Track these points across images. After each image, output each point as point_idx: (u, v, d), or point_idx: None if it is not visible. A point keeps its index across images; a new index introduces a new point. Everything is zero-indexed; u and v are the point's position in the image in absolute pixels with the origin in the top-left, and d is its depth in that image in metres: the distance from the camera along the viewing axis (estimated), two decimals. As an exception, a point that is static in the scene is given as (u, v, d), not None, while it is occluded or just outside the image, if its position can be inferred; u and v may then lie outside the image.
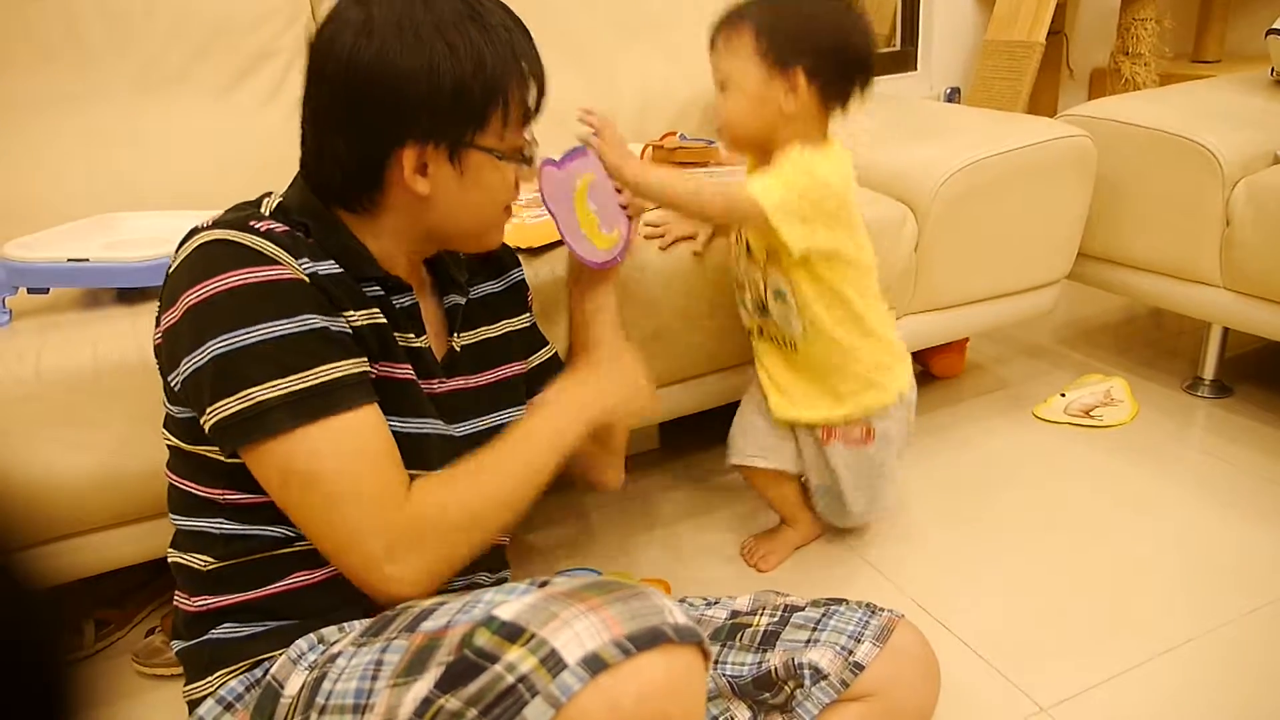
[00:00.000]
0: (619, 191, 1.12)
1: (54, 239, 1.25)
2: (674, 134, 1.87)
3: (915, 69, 2.81)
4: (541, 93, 0.91)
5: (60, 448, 1.10)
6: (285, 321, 0.78)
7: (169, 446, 0.88)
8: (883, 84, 2.95)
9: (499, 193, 0.93)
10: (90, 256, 1.18)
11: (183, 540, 0.89)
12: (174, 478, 0.89)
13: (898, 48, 2.80)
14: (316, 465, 0.79)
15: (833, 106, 1.18)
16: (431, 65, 0.82)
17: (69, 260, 1.17)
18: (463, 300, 1.01)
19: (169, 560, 0.91)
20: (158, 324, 0.84)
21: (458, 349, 0.99)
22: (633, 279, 1.34)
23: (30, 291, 1.20)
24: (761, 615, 1.04)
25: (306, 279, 0.81)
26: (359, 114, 0.84)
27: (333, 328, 0.82)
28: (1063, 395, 1.81)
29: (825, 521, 1.44)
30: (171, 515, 0.90)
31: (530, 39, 0.90)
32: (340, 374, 0.80)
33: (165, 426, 0.88)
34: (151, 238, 1.22)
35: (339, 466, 0.79)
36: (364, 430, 0.81)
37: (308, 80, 0.87)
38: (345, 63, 0.83)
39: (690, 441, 1.77)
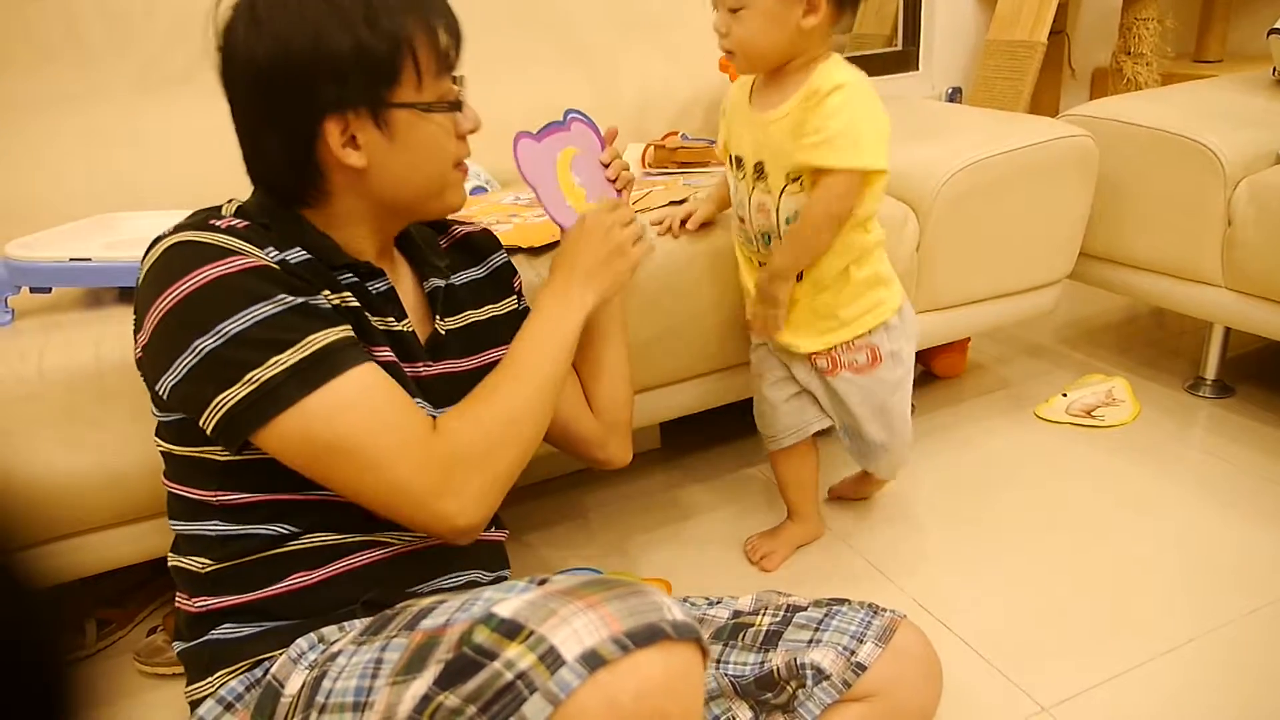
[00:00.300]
0: (605, 165, 1.11)
1: (56, 238, 1.25)
2: (675, 134, 1.88)
3: (917, 69, 2.80)
4: (454, 35, 0.88)
5: (62, 447, 1.10)
6: (263, 304, 0.79)
7: (163, 454, 0.89)
8: (884, 84, 2.96)
9: (439, 147, 0.90)
10: (92, 256, 1.18)
11: (181, 544, 0.89)
12: (169, 484, 0.89)
13: (899, 47, 2.80)
14: (337, 427, 0.79)
15: (844, 13, 1.16)
16: (321, 33, 0.81)
17: (71, 260, 1.18)
18: (442, 283, 1.01)
19: (169, 565, 0.91)
20: (135, 337, 0.84)
21: (442, 333, 0.99)
22: (633, 281, 1.33)
23: (32, 291, 1.21)
24: (764, 615, 1.04)
25: (275, 266, 0.82)
26: (271, 105, 0.84)
27: (312, 302, 0.82)
28: (1064, 395, 1.81)
29: (826, 524, 1.44)
30: (170, 521, 0.90)
31: None
32: (333, 338, 0.81)
33: (157, 434, 0.89)
34: (153, 237, 1.23)
35: (359, 423, 0.80)
36: (372, 384, 0.82)
37: (223, 87, 0.87)
38: (243, 59, 0.83)
39: (692, 441, 1.77)
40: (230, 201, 0.91)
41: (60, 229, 1.29)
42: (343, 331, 0.82)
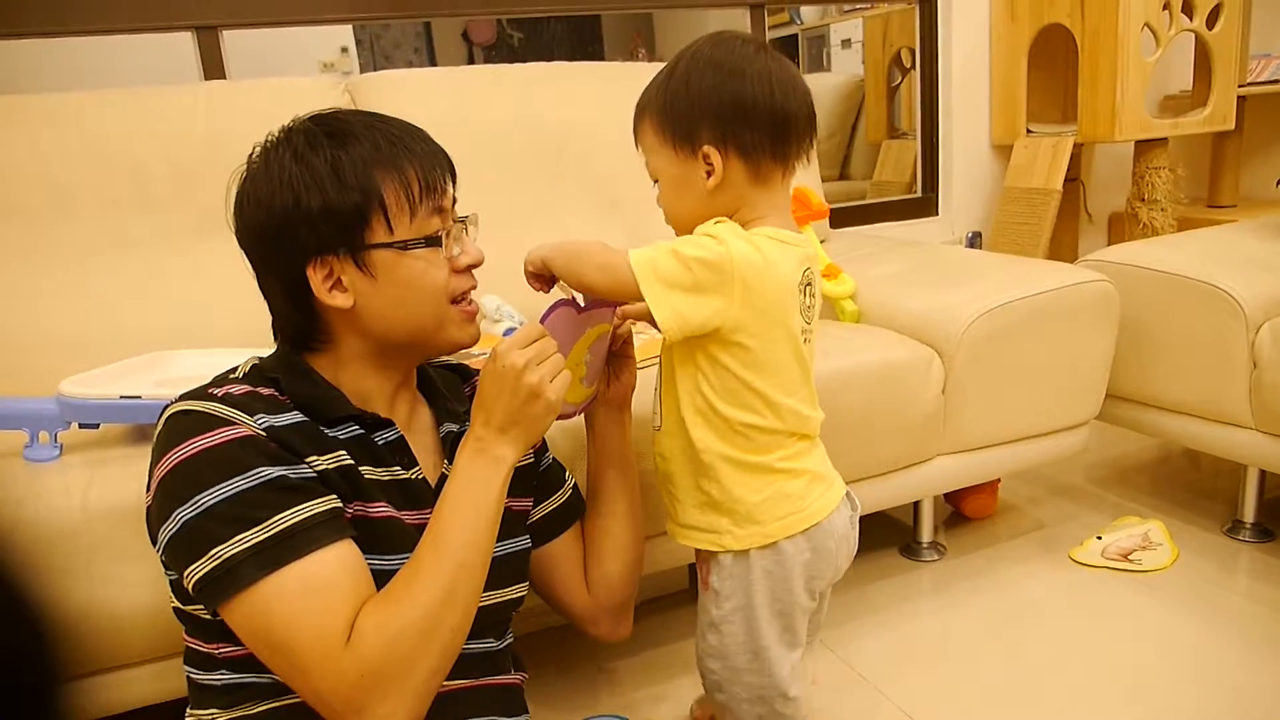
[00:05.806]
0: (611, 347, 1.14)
1: (108, 376, 1.29)
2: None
3: (936, 214, 2.89)
4: (433, 175, 0.92)
5: (101, 582, 1.11)
6: (239, 479, 0.82)
7: (173, 608, 0.91)
8: (906, 229, 3.03)
9: (426, 281, 0.93)
10: (142, 394, 1.22)
11: (196, 696, 0.91)
12: (184, 636, 0.92)
13: (919, 194, 2.90)
14: (273, 621, 0.81)
15: (766, 169, 1.02)
16: (293, 190, 0.89)
17: (121, 397, 1.22)
18: (456, 428, 1.03)
19: None
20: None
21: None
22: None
23: (81, 426, 1.24)
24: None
25: (262, 434, 0.85)
26: (264, 257, 0.92)
27: (291, 474, 0.85)
28: (1099, 538, 1.78)
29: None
30: (185, 667, 0.92)
31: (410, 134, 0.93)
32: (302, 516, 0.83)
33: (170, 589, 0.91)
34: (203, 375, 1.27)
35: (291, 622, 0.81)
36: (320, 574, 0.82)
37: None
38: (242, 226, 0.92)
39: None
40: (251, 358, 0.97)
41: (113, 366, 1.34)
42: (318, 505, 0.84)
